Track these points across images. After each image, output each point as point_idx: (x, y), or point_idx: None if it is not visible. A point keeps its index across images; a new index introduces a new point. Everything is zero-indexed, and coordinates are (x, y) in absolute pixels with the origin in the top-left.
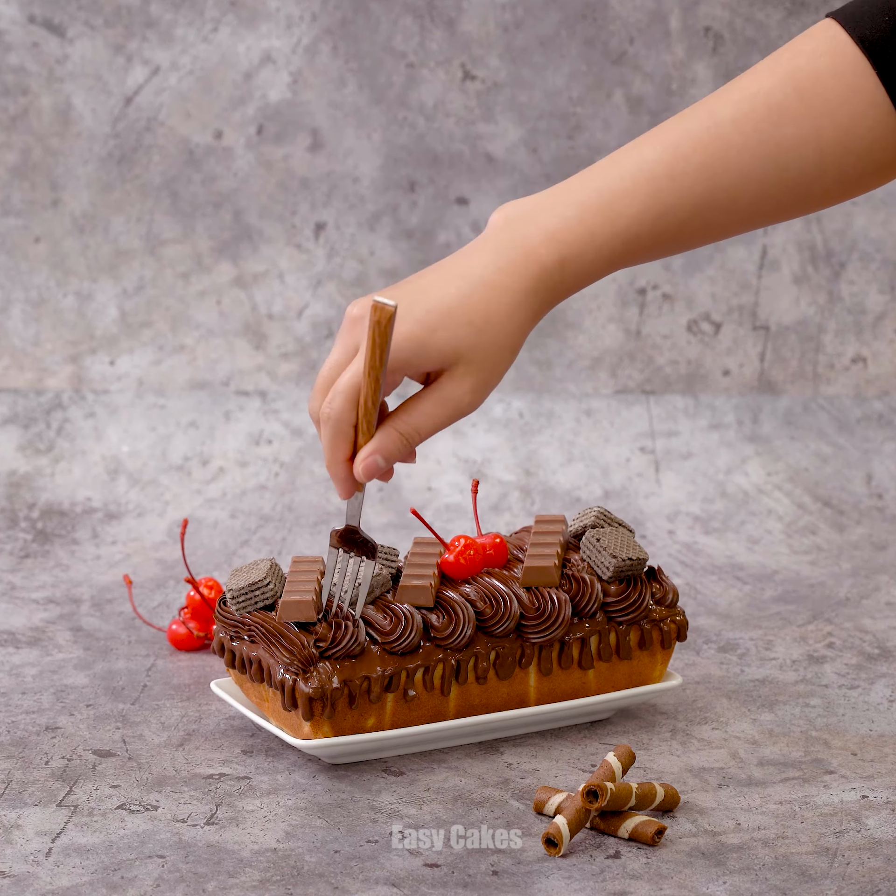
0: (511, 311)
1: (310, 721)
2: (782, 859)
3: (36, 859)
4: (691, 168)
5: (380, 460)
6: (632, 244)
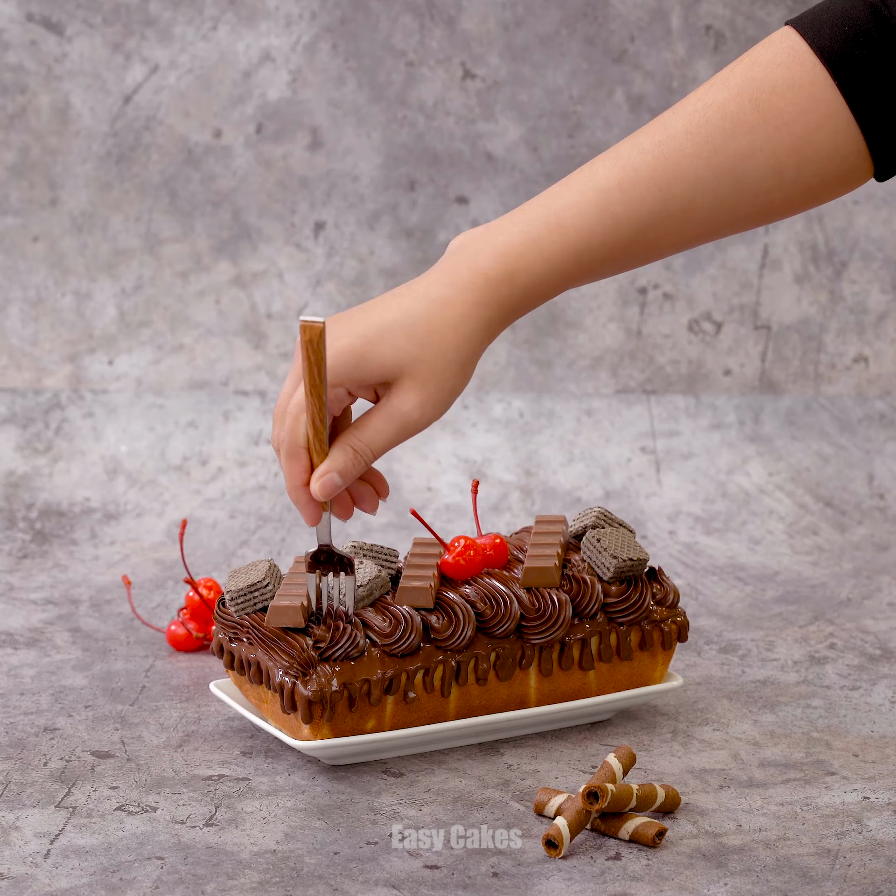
0: (457, 324)
1: (309, 724)
2: (783, 861)
3: (34, 861)
4: (641, 179)
5: (336, 478)
6: (584, 256)
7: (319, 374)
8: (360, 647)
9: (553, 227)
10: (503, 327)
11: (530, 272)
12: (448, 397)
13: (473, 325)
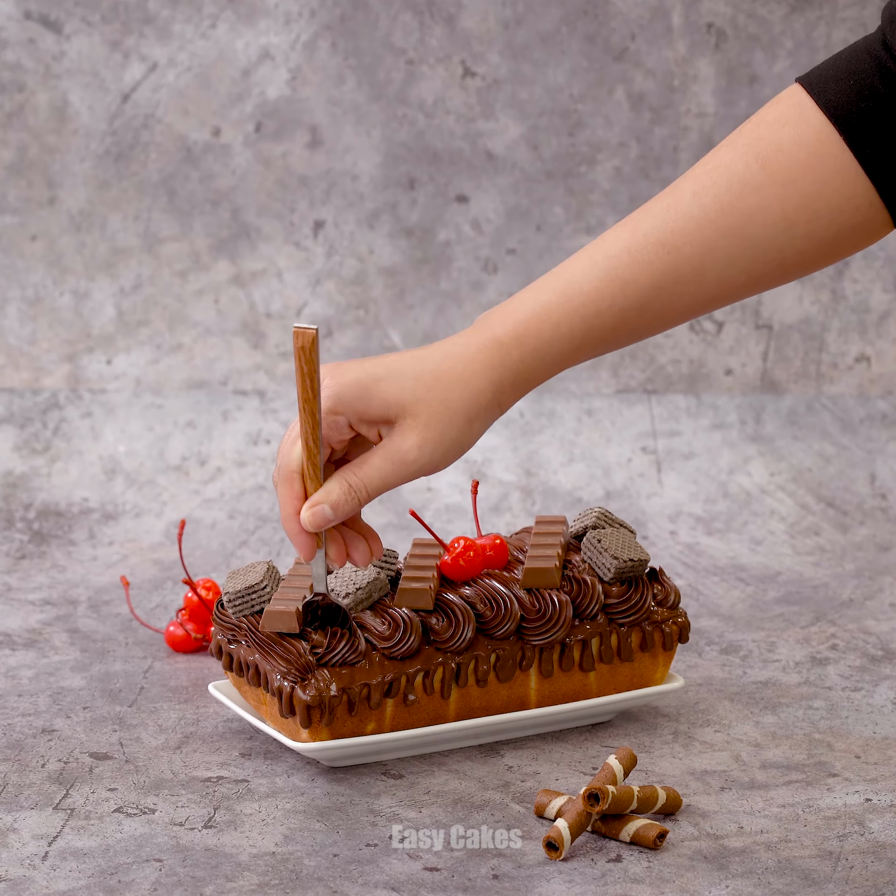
0: (466, 378)
1: (308, 728)
2: (785, 863)
3: (32, 863)
4: (649, 242)
5: (327, 510)
6: (593, 323)
7: (312, 386)
8: (359, 652)
9: (561, 293)
10: (515, 396)
11: (540, 338)
12: (450, 447)
13: (483, 383)
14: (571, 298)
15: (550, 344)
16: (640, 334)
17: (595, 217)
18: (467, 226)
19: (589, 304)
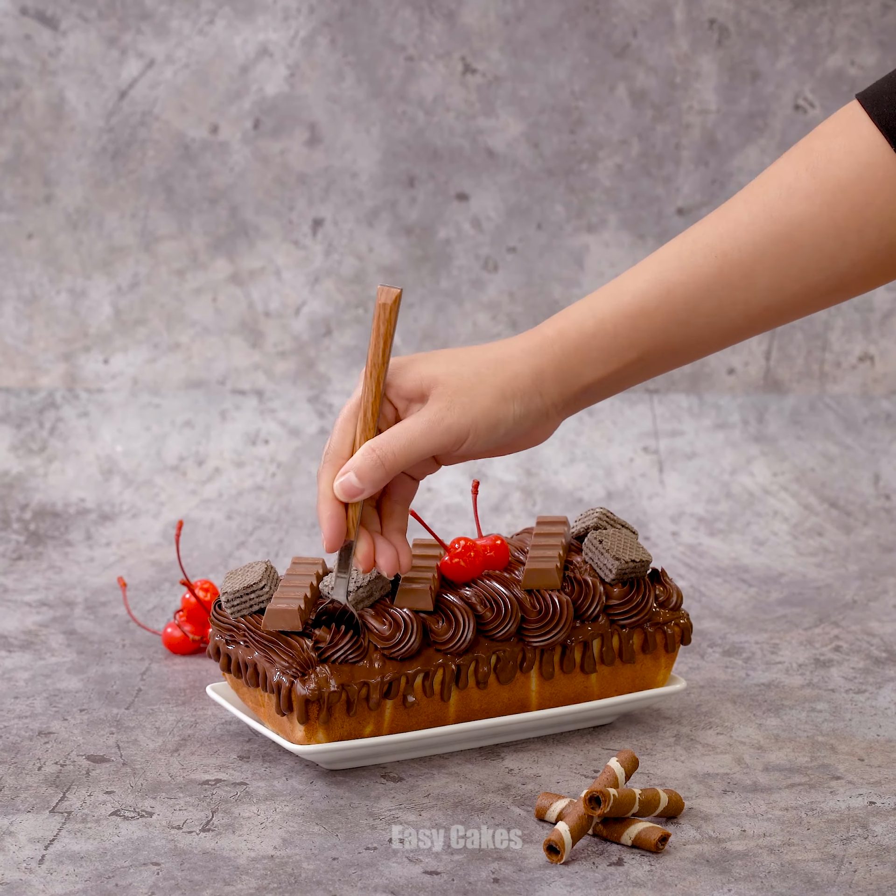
0: (501, 358)
1: (305, 724)
2: (788, 866)
3: (29, 867)
4: (698, 248)
5: (353, 478)
6: (639, 321)
7: (385, 350)
8: (361, 650)
9: (609, 294)
10: (559, 389)
11: (583, 331)
12: (480, 414)
13: (521, 366)
14: (618, 298)
15: (594, 337)
16: (692, 344)
17: (596, 215)
18: (467, 224)
19: (635, 304)
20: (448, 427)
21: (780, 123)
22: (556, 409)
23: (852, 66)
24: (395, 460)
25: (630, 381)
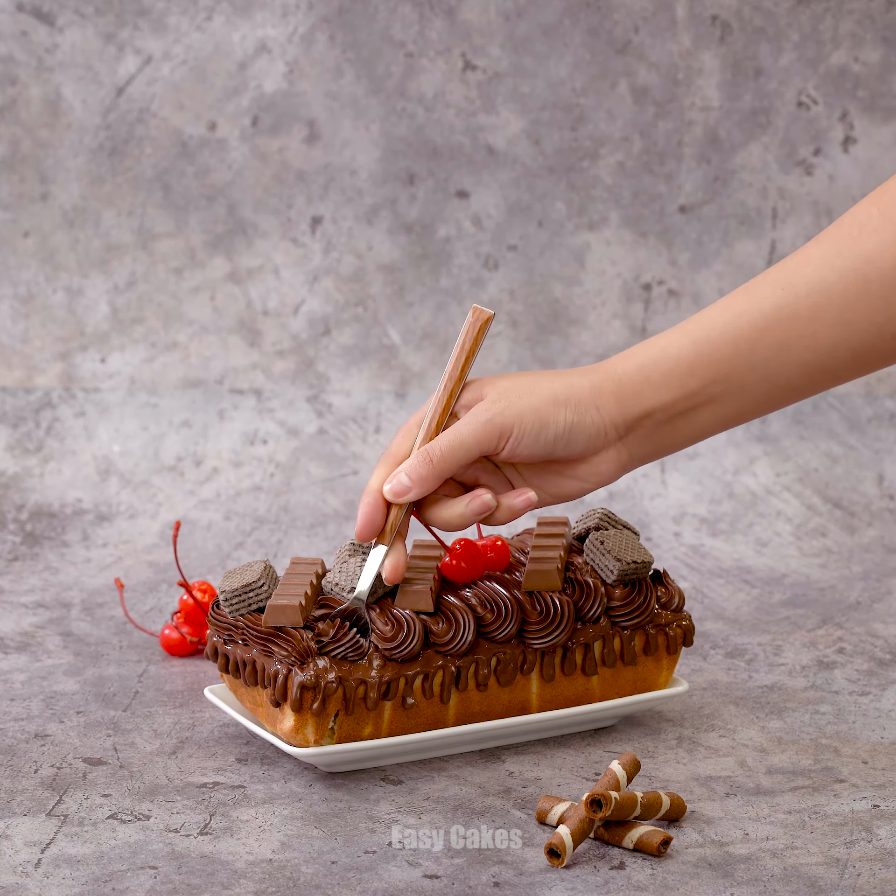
0: (561, 372)
1: (296, 713)
2: (791, 870)
3: (25, 870)
4: (767, 281)
5: (403, 477)
6: (703, 347)
7: (465, 366)
8: (361, 651)
9: (676, 327)
10: (619, 408)
11: (647, 355)
12: (526, 409)
13: (578, 379)
14: (683, 326)
15: (657, 362)
16: (758, 380)
17: (598, 213)
18: (468, 222)
19: (699, 331)
20: (491, 418)
21: (783, 120)
22: (615, 429)
23: (856, 62)
24: (443, 457)
25: (698, 418)
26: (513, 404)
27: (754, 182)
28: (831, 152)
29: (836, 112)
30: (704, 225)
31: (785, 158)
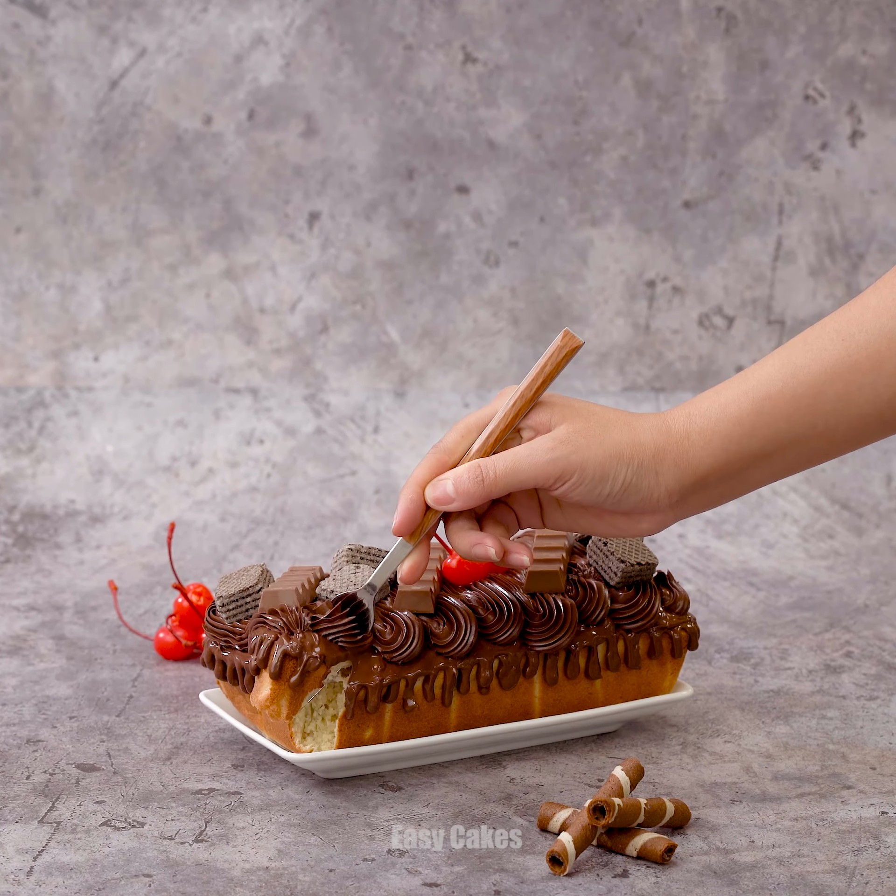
0: (631, 424)
1: (275, 681)
2: (798, 878)
3: (17, 878)
4: (825, 332)
5: (448, 486)
6: (763, 405)
7: (540, 387)
8: (354, 641)
9: (735, 379)
10: (676, 474)
11: (707, 416)
12: (591, 462)
13: (645, 437)
14: (743, 382)
15: (717, 423)
16: (817, 435)
17: (601, 208)
18: (468, 217)
19: (759, 388)
20: (555, 458)
21: (789, 114)
22: (668, 497)
23: (864, 55)
24: (496, 479)
25: (749, 477)
26: (579, 450)
27: (760, 177)
28: (839, 146)
29: (844, 105)
30: (709, 221)
31: (791, 153)
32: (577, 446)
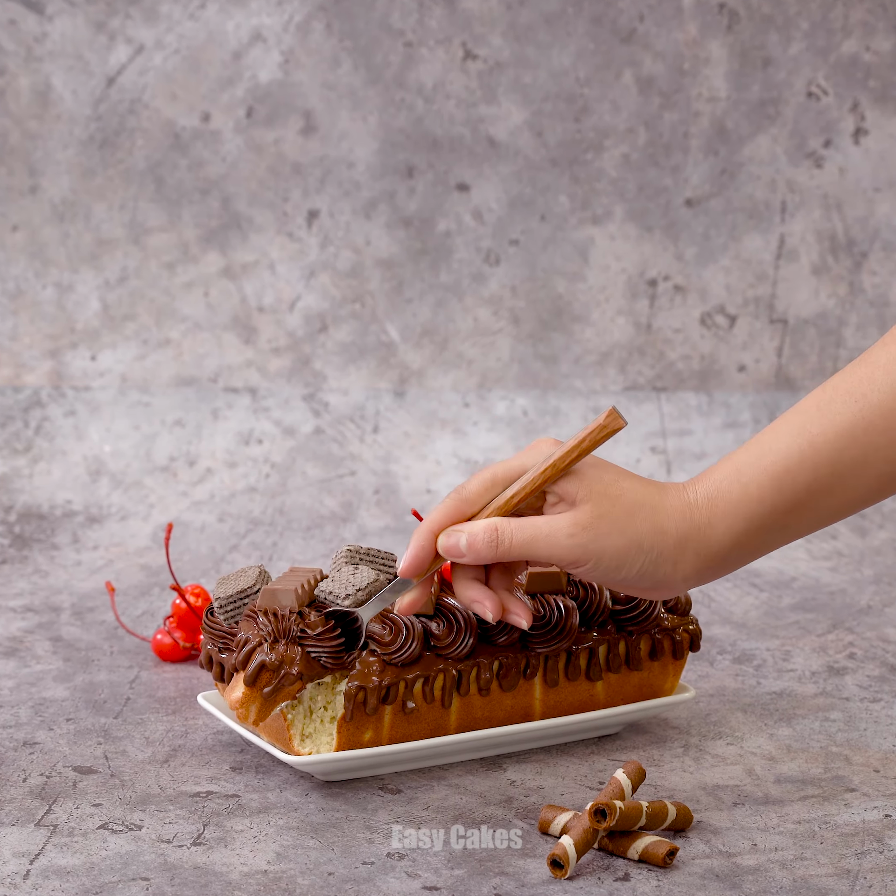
0: (656, 507)
1: (249, 687)
2: (801, 882)
3: (13, 882)
4: (837, 394)
5: (462, 540)
6: (783, 480)
7: (574, 459)
8: (339, 661)
9: (753, 453)
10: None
11: (729, 499)
12: (609, 551)
13: (670, 524)
14: (762, 458)
15: (738, 505)
16: (839, 498)
17: (602, 206)
18: (468, 215)
19: (778, 462)
20: (574, 545)
21: (792, 111)
22: (684, 583)
23: (867, 51)
24: (510, 549)
25: (765, 546)
26: (599, 538)
27: (763, 175)
28: (842, 144)
29: (847, 103)
30: (711, 219)
31: (794, 150)
32: (597, 534)
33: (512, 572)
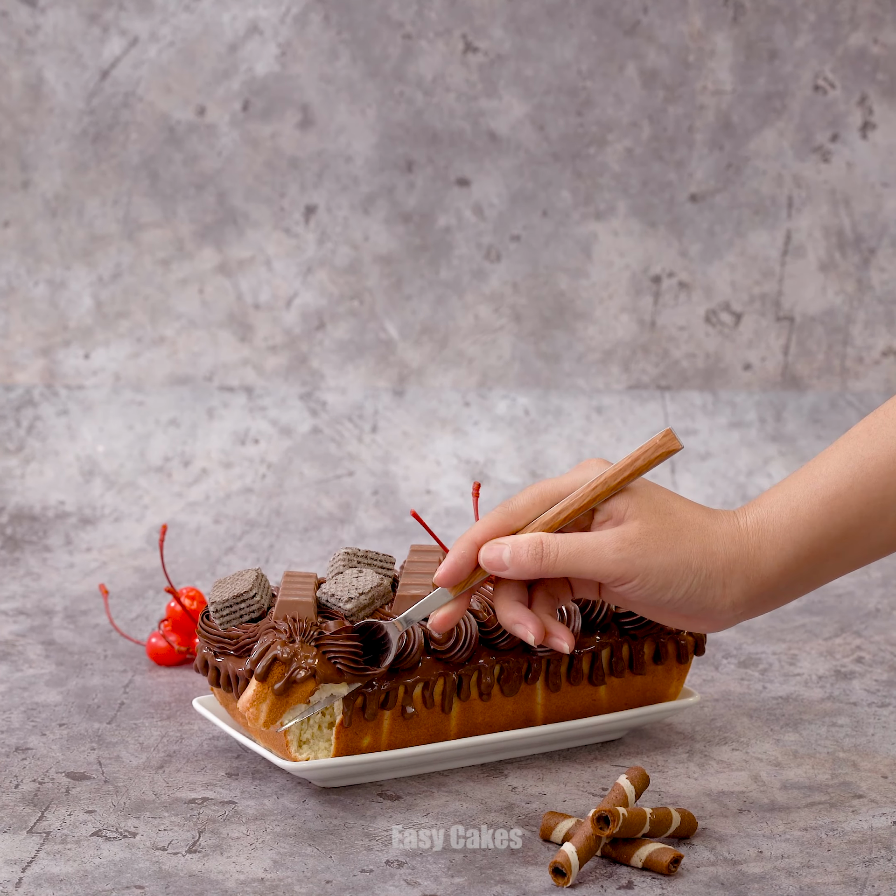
0: (706, 528)
1: (260, 682)
2: (807, 890)
3: (5, 890)
4: (890, 418)
5: (505, 553)
6: (833, 504)
7: (627, 478)
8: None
9: (803, 479)
10: (742, 583)
11: (778, 522)
12: (656, 569)
13: (718, 547)
14: (812, 483)
15: (789, 530)
16: (891, 522)
17: (605, 201)
18: (469, 211)
19: (829, 486)
20: (620, 560)
21: (798, 105)
22: (734, 609)
23: (875, 44)
24: (555, 564)
25: (815, 577)
26: (646, 555)
27: (769, 169)
28: (849, 138)
29: (855, 96)
30: (716, 214)
31: (801, 145)
32: (645, 550)
33: (556, 598)
